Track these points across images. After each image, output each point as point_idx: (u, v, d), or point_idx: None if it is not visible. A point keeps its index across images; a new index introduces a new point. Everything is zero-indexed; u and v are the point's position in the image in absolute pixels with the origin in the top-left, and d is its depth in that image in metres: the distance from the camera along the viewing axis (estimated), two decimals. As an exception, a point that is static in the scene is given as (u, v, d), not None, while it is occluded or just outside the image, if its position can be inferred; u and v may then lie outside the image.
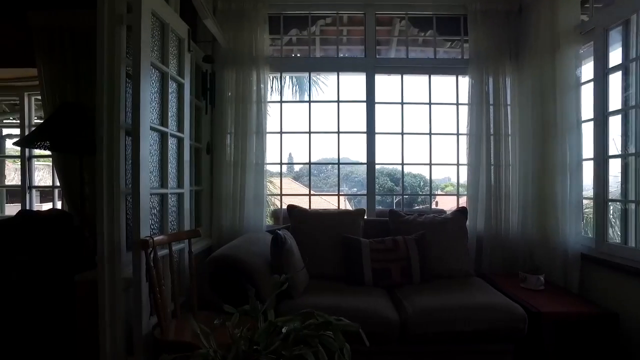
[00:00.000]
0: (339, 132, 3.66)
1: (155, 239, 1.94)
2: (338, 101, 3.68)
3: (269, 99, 3.49)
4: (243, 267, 2.32)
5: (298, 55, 4.18)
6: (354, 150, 3.79)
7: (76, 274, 2.16)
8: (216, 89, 3.38)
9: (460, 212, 3.28)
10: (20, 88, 4.28)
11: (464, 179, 3.63)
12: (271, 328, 1.10)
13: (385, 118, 3.85)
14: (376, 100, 3.66)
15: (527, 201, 3.27)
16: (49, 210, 2.71)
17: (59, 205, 4.16)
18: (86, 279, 2.07)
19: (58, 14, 3.48)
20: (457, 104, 3.72)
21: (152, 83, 2.17)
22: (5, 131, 4.67)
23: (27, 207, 4.19)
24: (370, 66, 3.66)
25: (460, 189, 3.83)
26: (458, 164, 3.72)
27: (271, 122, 3.53)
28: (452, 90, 3.76)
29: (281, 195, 3.68)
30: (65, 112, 2.41)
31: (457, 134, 3.70)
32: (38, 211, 2.45)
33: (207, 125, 3.36)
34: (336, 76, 3.70)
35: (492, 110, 3.45)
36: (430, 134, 3.72)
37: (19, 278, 2.19)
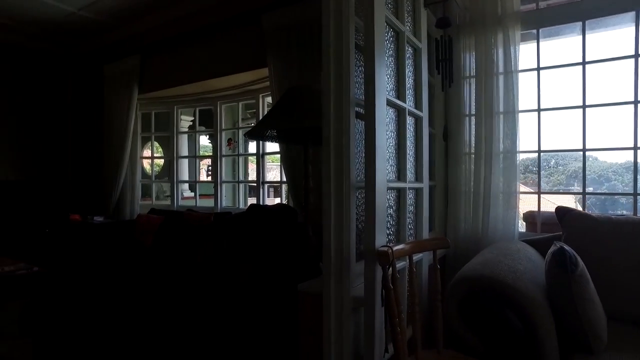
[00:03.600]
0: (637, 103, 2.49)
1: (394, 248, 1.42)
2: (637, 55, 2.49)
3: (520, 67, 2.63)
4: (511, 295, 1.59)
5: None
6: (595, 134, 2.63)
7: (299, 275, 1.87)
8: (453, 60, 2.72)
9: None
10: (256, 91, 4.57)
11: None
12: None
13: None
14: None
15: None
16: (276, 205, 2.59)
17: (289, 201, 4.25)
18: (310, 290, 1.72)
19: (286, 12, 3.49)
20: None
21: (387, 44, 1.68)
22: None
23: (260, 202, 4.45)
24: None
25: None
26: None
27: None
28: None
29: (539, 192, 2.74)
30: (291, 97, 2.17)
31: None
32: (266, 205, 2.32)
33: (441, 106, 2.73)
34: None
35: None
36: None
37: (247, 275, 2.02)
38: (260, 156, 4.47)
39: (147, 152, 6.02)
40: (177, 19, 4.61)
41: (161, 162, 7.69)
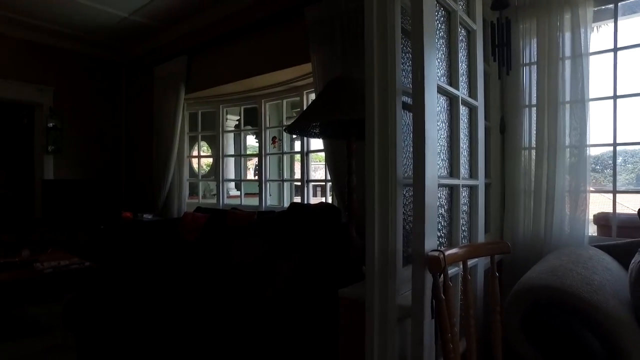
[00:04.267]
0: None
1: (447, 253, 1.26)
2: None
3: (591, 50, 2.33)
4: (588, 311, 1.37)
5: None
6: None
7: (340, 279, 1.74)
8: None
9: None
10: (300, 88, 4.49)
11: None
12: None
13: None
14: None
15: None
16: (318, 204, 2.47)
17: (334, 200, 4.14)
18: (351, 296, 1.58)
19: (330, 3, 3.37)
20: None
21: (437, 25, 1.50)
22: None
23: (305, 201, 4.36)
24: None
25: None
26: None
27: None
28: None
29: (615, 192, 2.42)
30: (334, 88, 2.04)
31: None
32: (307, 204, 2.21)
33: (497, 96, 2.49)
34: None
35: None
36: None
37: (284, 276, 1.91)
38: (305, 154, 4.38)
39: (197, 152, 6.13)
40: (221, 19, 4.63)
41: (210, 161, 7.84)
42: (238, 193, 6.04)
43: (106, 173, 6.02)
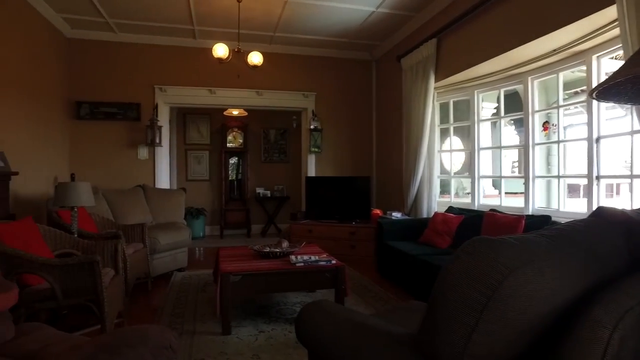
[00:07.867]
0: None
1: None
2: None
3: None
4: None
5: None
6: None
7: None
8: None
9: None
10: (586, 52, 3.33)
11: None
12: None
13: None
14: None
15: None
16: (641, 209, 1.53)
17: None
18: None
19: None
20: None
21: None
22: (567, 120, 3.86)
23: (593, 204, 3.20)
24: None
25: None
26: None
27: None
28: None
29: None
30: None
31: None
32: (621, 211, 1.33)
33: None
34: None
35: None
36: None
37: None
38: (594, 141, 3.22)
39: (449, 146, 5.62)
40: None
41: (462, 158, 7.15)
42: (496, 192, 5.19)
43: (358, 170, 6.22)
